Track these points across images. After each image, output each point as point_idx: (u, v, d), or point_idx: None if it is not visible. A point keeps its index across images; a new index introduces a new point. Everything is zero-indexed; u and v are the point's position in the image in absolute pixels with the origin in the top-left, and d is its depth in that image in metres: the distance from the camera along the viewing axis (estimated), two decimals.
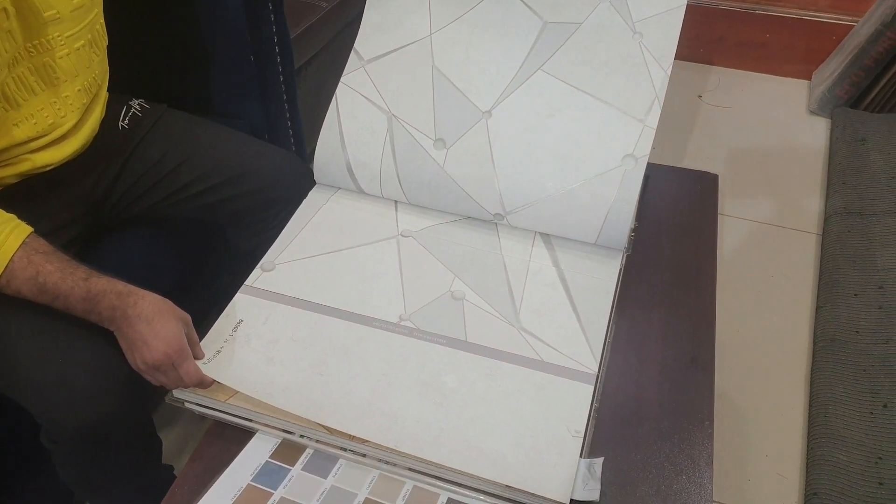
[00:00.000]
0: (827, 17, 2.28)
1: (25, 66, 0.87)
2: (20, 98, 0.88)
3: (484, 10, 1.03)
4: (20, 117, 0.89)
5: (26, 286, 0.77)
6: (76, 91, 0.94)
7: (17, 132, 0.89)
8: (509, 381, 0.81)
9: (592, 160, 0.95)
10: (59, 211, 0.99)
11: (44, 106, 0.91)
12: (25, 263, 0.77)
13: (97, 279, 0.78)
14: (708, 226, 1.09)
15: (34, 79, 0.89)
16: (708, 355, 0.88)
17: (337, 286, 0.92)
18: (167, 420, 1.30)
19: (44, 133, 0.92)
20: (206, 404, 0.80)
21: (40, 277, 0.77)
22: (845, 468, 1.21)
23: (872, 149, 1.90)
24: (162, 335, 0.77)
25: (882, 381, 1.32)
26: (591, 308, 0.90)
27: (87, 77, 0.95)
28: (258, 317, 0.88)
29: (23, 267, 0.77)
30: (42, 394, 0.83)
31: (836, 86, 2.15)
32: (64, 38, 0.89)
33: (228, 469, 0.76)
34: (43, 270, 0.77)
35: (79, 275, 0.78)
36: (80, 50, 0.92)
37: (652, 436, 0.79)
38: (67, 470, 0.92)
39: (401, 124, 1.01)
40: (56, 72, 0.90)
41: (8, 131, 0.89)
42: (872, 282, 1.53)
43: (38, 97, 0.90)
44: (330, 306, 0.89)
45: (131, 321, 0.78)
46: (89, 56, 0.95)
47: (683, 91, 2.36)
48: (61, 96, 0.92)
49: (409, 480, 0.74)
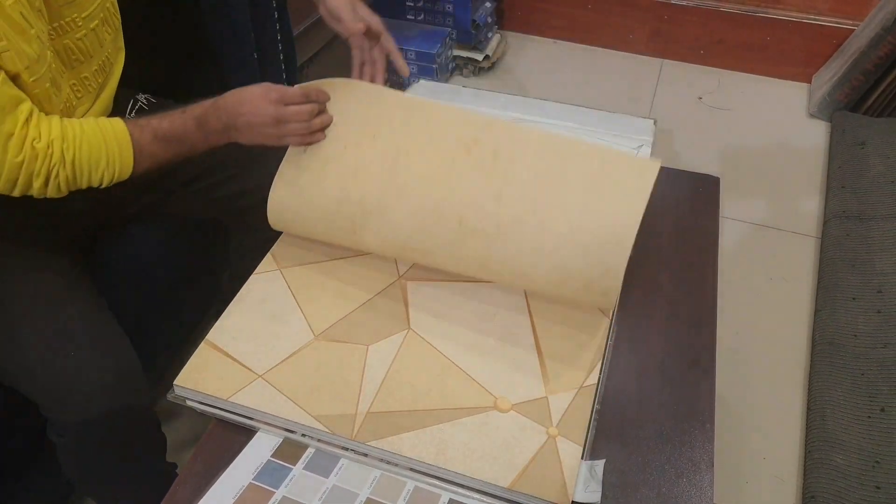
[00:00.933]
0: (827, 21, 2.28)
1: (52, 50, 0.86)
2: (60, 79, 0.87)
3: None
4: (61, 102, 0.88)
5: (154, 146, 0.86)
6: (93, 71, 0.94)
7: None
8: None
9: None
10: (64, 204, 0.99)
11: (66, 89, 0.90)
12: (141, 129, 0.84)
13: (194, 107, 0.87)
14: (709, 228, 1.09)
15: (56, 63, 0.88)
16: (709, 358, 0.88)
17: None
18: (171, 416, 1.30)
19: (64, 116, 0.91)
20: (208, 402, 0.80)
21: (158, 133, 0.85)
22: (843, 472, 1.22)
23: (872, 153, 1.90)
24: (258, 93, 0.86)
25: (880, 385, 1.33)
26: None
27: (101, 56, 0.95)
28: None
29: (139, 132, 0.84)
30: (49, 388, 0.83)
31: (836, 89, 2.15)
32: (81, 18, 0.89)
33: (230, 467, 0.76)
34: (159, 128, 0.85)
35: (181, 115, 0.86)
36: (96, 29, 0.92)
37: (653, 438, 0.79)
38: (72, 463, 0.92)
39: None
40: (76, 53, 0.90)
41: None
42: (871, 285, 1.53)
43: (63, 78, 0.89)
44: None
45: (231, 112, 0.86)
46: (102, 35, 0.95)
47: (684, 93, 2.36)
48: (80, 77, 0.92)
49: (410, 480, 0.74)
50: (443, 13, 2.31)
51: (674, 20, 2.42)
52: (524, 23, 2.64)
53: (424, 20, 2.33)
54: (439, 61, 2.26)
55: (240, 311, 0.88)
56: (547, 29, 2.63)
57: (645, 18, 2.46)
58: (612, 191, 0.85)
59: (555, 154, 0.87)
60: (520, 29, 2.66)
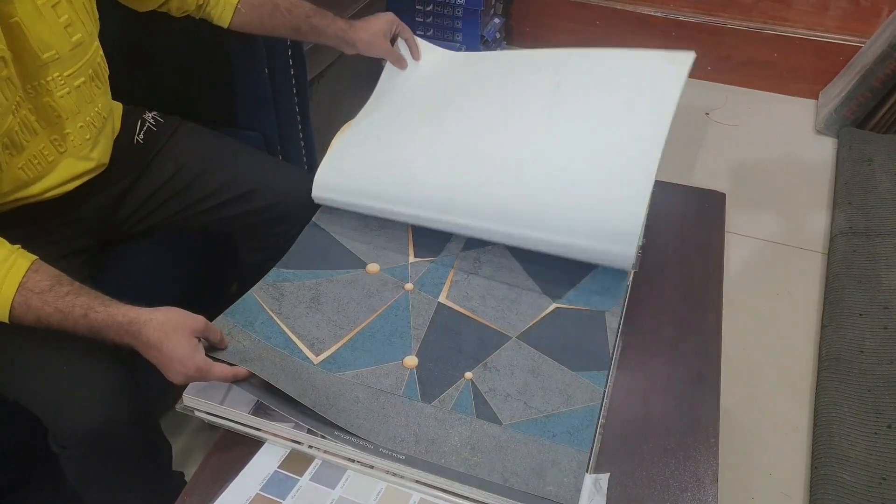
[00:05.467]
0: (834, 38, 2.29)
1: (27, 107, 0.86)
2: (24, 140, 0.87)
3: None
4: (23, 160, 0.89)
5: (34, 327, 0.77)
6: (78, 127, 0.93)
7: (22, 175, 0.89)
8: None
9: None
10: (71, 223, 1.00)
11: (44, 144, 0.90)
12: (25, 309, 0.76)
13: (95, 314, 0.77)
14: (715, 244, 1.09)
15: (34, 118, 0.88)
16: (714, 373, 0.89)
17: None
18: (178, 426, 1.30)
19: (45, 173, 0.92)
20: (216, 413, 0.81)
21: (43, 321, 0.77)
22: (850, 488, 1.21)
23: (878, 169, 1.90)
24: (175, 358, 0.76)
25: (887, 402, 1.33)
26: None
27: (90, 112, 0.95)
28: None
29: (23, 313, 0.77)
30: (50, 399, 0.83)
31: (843, 106, 2.16)
32: (64, 77, 0.88)
33: (237, 478, 0.76)
34: (43, 315, 0.77)
35: (77, 312, 0.76)
36: (81, 87, 0.91)
37: (657, 452, 0.79)
38: (76, 475, 0.92)
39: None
40: (56, 111, 0.89)
41: (15, 176, 0.88)
42: (878, 302, 1.53)
43: (38, 137, 0.89)
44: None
45: (142, 349, 0.78)
46: (91, 91, 0.94)
47: (691, 109, 2.37)
48: (62, 133, 0.92)
49: (415, 493, 0.75)
50: (452, 29, 2.33)
51: (681, 36, 2.43)
52: (532, 38, 2.66)
53: (434, 35, 2.35)
54: None
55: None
56: (555, 44, 2.63)
57: (653, 34, 2.47)
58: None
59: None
60: (528, 44, 2.68)
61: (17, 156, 0.87)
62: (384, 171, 1.02)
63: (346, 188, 1.03)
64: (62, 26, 0.86)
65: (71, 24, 0.88)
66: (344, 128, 1.09)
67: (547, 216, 0.93)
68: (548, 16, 2.58)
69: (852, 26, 2.26)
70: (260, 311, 0.90)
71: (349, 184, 1.03)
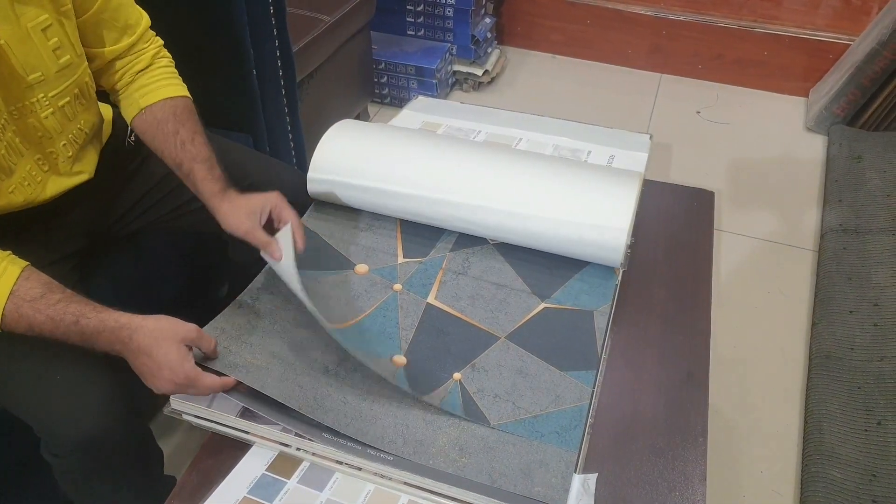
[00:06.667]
0: (824, 36, 2.30)
1: (11, 129, 0.86)
2: (11, 164, 0.87)
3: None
4: (14, 184, 0.88)
5: (26, 335, 0.77)
6: (61, 146, 0.93)
7: (14, 198, 0.89)
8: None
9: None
10: (61, 228, 1.00)
11: (31, 165, 0.90)
12: (17, 318, 0.76)
13: (87, 320, 0.77)
14: (704, 242, 1.09)
15: (19, 140, 0.87)
16: (703, 372, 0.89)
17: None
18: (168, 430, 1.30)
19: (36, 195, 0.92)
20: (204, 416, 0.81)
21: (34, 329, 0.77)
22: (840, 485, 1.22)
23: (868, 167, 1.91)
24: (165, 365, 0.76)
25: (876, 399, 1.33)
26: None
27: (72, 129, 0.94)
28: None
29: (15, 321, 0.77)
30: (41, 408, 0.83)
31: (833, 103, 2.17)
32: (48, 97, 0.88)
33: (225, 481, 0.76)
34: (34, 322, 0.76)
35: (68, 320, 0.76)
36: (65, 106, 0.91)
37: (646, 452, 0.79)
38: (68, 482, 0.92)
39: None
40: (40, 130, 0.89)
41: (7, 200, 0.88)
42: (868, 299, 1.53)
43: (24, 158, 0.89)
44: None
45: (131, 356, 0.77)
46: (73, 110, 0.93)
47: (682, 107, 2.38)
48: (45, 152, 0.91)
49: (404, 495, 0.75)
50: (443, 28, 2.33)
51: (672, 35, 2.43)
52: (524, 38, 2.66)
53: (424, 35, 2.35)
54: (439, 76, 2.28)
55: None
56: (546, 44, 2.65)
57: (644, 33, 2.47)
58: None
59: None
60: (519, 44, 2.68)
61: (6, 180, 0.87)
62: (381, 149, 1.05)
63: (341, 168, 1.03)
64: (51, 49, 0.86)
65: (60, 48, 0.87)
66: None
67: (539, 203, 0.95)
68: (538, 15, 2.59)
69: (842, 24, 2.27)
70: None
71: (344, 162, 1.04)
